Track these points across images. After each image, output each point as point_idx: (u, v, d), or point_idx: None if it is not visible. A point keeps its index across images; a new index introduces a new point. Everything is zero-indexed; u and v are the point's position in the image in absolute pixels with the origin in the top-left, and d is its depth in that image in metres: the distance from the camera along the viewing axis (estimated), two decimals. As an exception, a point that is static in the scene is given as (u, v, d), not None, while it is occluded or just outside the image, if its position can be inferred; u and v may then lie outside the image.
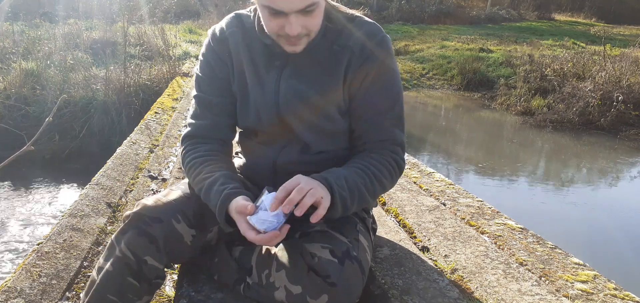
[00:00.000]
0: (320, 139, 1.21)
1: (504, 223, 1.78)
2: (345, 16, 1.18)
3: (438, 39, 14.41)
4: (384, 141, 1.18)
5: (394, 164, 1.18)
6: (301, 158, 1.22)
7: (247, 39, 1.18)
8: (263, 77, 1.18)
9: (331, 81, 1.15)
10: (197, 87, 1.25)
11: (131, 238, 1.04)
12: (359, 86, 1.16)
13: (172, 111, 4.34)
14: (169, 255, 1.08)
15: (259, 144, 1.26)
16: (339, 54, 1.15)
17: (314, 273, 1.02)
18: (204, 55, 1.24)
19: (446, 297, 1.25)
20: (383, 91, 1.17)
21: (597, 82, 8.33)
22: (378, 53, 1.14)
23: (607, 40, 12.00)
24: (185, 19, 14.20)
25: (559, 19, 21.67)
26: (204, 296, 1.22)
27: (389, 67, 1.17)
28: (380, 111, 1.17)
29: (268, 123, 1.20)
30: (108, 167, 2.50)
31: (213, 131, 1.22)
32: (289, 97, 1.16)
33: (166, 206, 1.10)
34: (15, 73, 6.40)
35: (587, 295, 1.31)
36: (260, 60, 1.18)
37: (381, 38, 1.15)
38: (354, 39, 1.14)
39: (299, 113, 1.17)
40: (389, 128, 1.18)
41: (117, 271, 1.04)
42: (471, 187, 4.73)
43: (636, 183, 5.86)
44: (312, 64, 1.16)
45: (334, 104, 1.17)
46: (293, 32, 1.02)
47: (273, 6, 1.00)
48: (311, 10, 1.01)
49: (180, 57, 8.60)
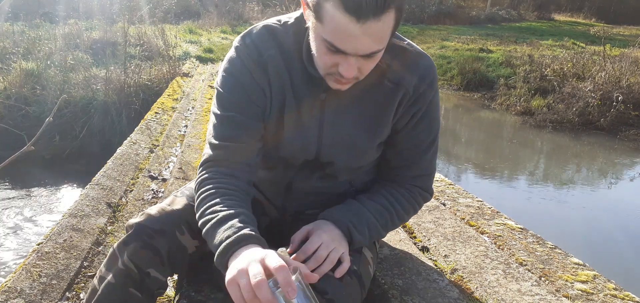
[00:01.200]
0: (346, 171, 1.16)
1: (503, 223, 1.78)
2: (396, 45, 1.05)
3: (438, 39, 14.42)
4: (419, 176, 1.16)
5: (420, 201, 1.18)
6: (319, 183, 1.17)
7: (288, 64, 1.02)
8: (304, 111, 1.06)
9: (381, 119, 1.07)
10: (221, 106, 1.05)
11: (134, 250, 1.02)
12: (406, 123, 1.10)
13: (172, 111, 4.33)
14: (172, 266, 1.07)
15: (275, 168, 1.17)
16: (392, 90, 1.05)
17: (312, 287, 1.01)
18: (234, 75, 1.05)
19: (446, 297, 1.25)
20: (427, 128, 1.12)
21: (596, 83, 8.33)
22: (428, 92, 1.08)
23: (607, 40, 12.00)
24: (185, 19, 14.19)
25: (558, 19, 21.68)
26: (204, 296, 1.22)
27: (436, 105, 1.12)
28: (422, 149, 1.13)
29: (301, 157, 1.11)
30: (108, 167, 2.50)
31: (241, 155, 1.06)
32: (333, 139, 1.08)
33: (170, 216, 1.07)
34: (15, 73, 6.40)
35: (587, 295, 1.31)
36: (303, 89, 1.04)
37: (433, 77, 1.08)
38: (408, 76, 1.05)
39: (341, 155, 1.10)
40: (427, 164, 1.15)
41: (120, 283, 1.03)
42: (471, 187, 4.73)
43: (636, 183, 5.86)
44: (361, 101, 1.05)
45: (378, 142, 1.11)
46: (348, 75, 0.91)
47: (335, 44, 0.87)
48: (373, 56, 0.90)
49: (180, 57, 8.60)
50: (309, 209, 1.23)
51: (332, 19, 0.84)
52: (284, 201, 1.22)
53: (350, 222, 1.06)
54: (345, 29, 0.83)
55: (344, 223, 1.05)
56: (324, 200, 1.18)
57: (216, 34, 12.27)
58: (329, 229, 1.03)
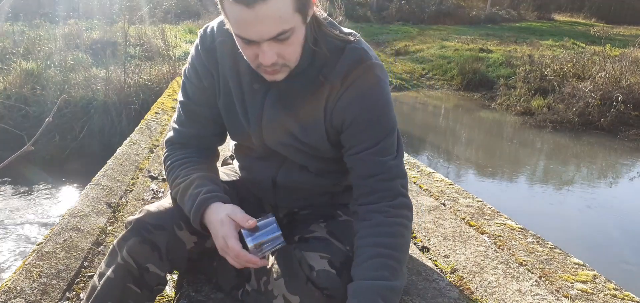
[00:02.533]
0: (317, 162, 1.15)
1: (503, 223, 1.78)
2: (338, 42, 1.04)
3: (438, 39, 14.42)
4: (372, 177, 1.05)
5: (401, 213, 1.05)
6: (301, 177, 1.18)
7: (236, 51, 1.03)
8: (247, 102, 1.10)
9: (313, 113, 1.06)
10: (183, 92, 1.17)
11: (133, 245, 1.04)
12: (342, 121, 1.05)
13: (172, 111, 4.34)
14: (171, 262, 1.08)
15: (256, 159, 1.22)
16: (322, 85, 1.04)
17: (312, 284, 1.02)
18: (192, 59, 1.15)
19: (446, 297, 1.25)
20: (368, 125, 1.04)
21: (596, 83, 8.33)
22: (360, 84, 1.02)
23: (607, 40, 12.00)
24: (185, 20, 14.18)
25: (558, 19, 21.67)
26: (204, 296, 1.22)
27: (374, 97, 1.04)
28: (373, 151, 1.04)
29: (258, 145, 1.15)
30: (108, 167, 2.50)
31: (197, 140, 1.17)
32: (272, 128, 1.10)
33: (168, 212, 1.09)
34: (15, 73, 6.40)
35: (587, 295, 1.31)
36: (245, 77, 1.09)
37: (366, 66, 1.02)
38: (338, 68, 1.02)
39: (284, 143, 1.11)
40: (379, 162, 1.05)
41: (119, 278, 1.04)
42: (471, 187, 4.73)
43: (636, 183, 5.86)
44: (295, 93, 1.06)
45: (319, 138, 1.09)
46: (267, 62, 0.93)
47: (240, 35, 0.92)
48: (285, 37, 0.91)
49: (180, 57, 8.59)
50: (301, 208, 1.26)
51: (231, 12, 0.90)
52: (274, 199, 1.25)
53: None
54: (240, 17, 0.88)
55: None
56: (310, 198, 1.23)
57: (216, 34, 12.23)
58: None
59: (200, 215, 1.03)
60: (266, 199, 1.27)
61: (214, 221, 1.01)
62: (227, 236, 0.98)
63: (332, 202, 1.26)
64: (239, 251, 0.97)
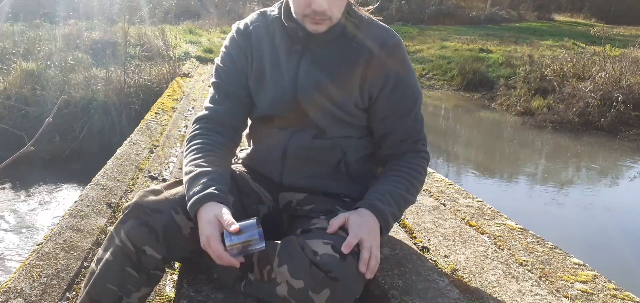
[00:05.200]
0: (336, 126, 1.26)
1: (503, 223, 1.78)
2: (366, 17, 1.25)
3: (438, 40, 14.40)
4: (406, 140, 1.27)
5: (419, 162, 1.28)
6: (313, 143, 1.26)
7: (271, 29, 1.26)
8: (282, 63, 1.24)
9: (349, 75, 1.21)
10: (216, 75, 1.31)
11: (131, 227, 1.06)
12: (380, 88, 1.22)
13: (172, 112, 4.34)
14: (168, 246, 1.09)
15: (272, 130, 1.30)
16: (357, 51, 1.21)
17: (316, 267, 1.02)
18: (227, 47, 1.30)
19: (446, 297, 1.25)
20: (403, 95, 1.24)
21: (596, 83, 8.32)
22: (392, 60, 1.21)
23: (607, 40, 11.98)
24: (185, 20, 14.18)
25: (558, 19, 21.65)
26: (204, 296, 1.22)
27: (407, 75, 1.24)
28: (402, 113, 1.25)
29: (284, 107, 1.24)
30: (108, 167, 2.50)
31: (227, 117, 1.28)
32: (307, 84, 1.22)
33: (166, 197, 1.12)
34: (15, 73, 6.39)
35: (587, 295, 1.31)
36: (281, 45, 1.24)
37: (397, 48, 1.22)
38: (370, 42, 1.21)
39: (316, 100, 1.22)
40: (410, 127, 1.27)
41: (117, 261, 1.06)
42: (471, 187, 4.73)
43: (636, 184, 5.86)
44: (331, 56, 1.22)
45: (351, 98, 1.23)
46: (319, 8, 1.10)
47: None
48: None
49: (180, 57, 8.60)
50: (302, 189, 1.29)
51: None
52: (281, 175, 1.29)
53: (373, 199, 1.17)
54: None
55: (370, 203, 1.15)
56: (318, 171, 1.28)
57: (216, 35, 12.26)
58: (364, 216, 1.13)
59: (195, 210, 1.08)
60: (272, 174, 1.31)
61: (203, 220, 1.06)
62: (210, 237, 1.03)
63: (333, 190, 1.29)
64: (221, 253, 1.02)
